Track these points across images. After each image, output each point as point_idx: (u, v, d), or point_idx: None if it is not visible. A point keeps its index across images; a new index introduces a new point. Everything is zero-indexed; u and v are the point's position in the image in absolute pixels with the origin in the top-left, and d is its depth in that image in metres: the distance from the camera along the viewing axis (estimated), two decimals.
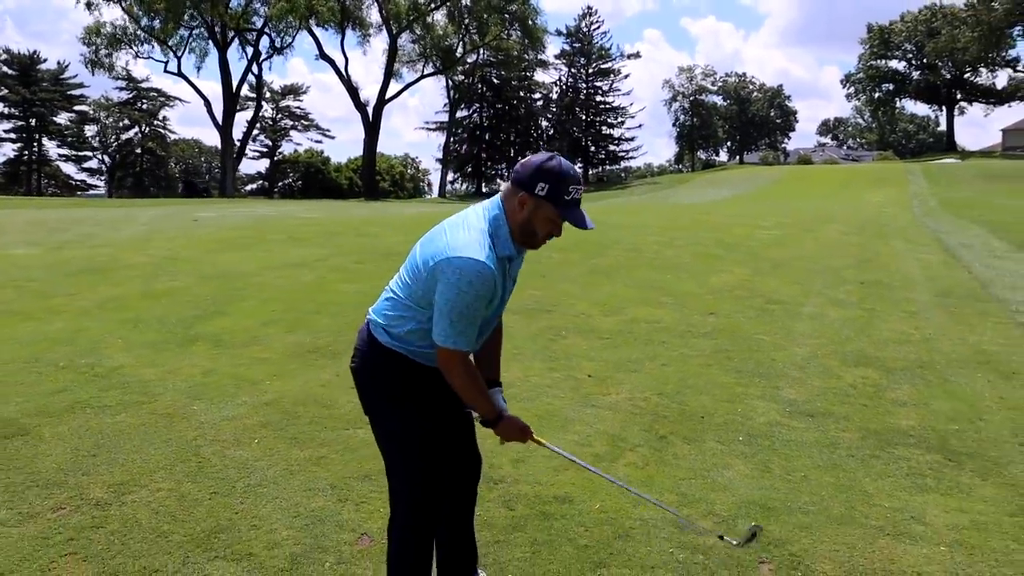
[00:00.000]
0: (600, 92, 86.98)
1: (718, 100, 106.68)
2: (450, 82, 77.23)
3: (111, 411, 5.18)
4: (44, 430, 4.81)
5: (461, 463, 2.96)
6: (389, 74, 65.64)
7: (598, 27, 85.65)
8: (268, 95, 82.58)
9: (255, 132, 79.72)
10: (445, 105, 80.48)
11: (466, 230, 2.55)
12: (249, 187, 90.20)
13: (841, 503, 4.05)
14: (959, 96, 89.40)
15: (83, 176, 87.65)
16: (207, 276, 10.47)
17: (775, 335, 7.85)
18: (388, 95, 66.44)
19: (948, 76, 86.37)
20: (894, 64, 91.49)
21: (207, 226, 17.78)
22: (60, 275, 10.56)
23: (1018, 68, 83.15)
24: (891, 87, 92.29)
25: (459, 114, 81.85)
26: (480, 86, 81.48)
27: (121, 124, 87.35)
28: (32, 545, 3.44)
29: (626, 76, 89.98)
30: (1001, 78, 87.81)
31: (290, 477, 4.20)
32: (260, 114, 77.37)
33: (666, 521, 3.79)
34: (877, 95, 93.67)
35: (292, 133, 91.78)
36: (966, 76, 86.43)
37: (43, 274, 10.63)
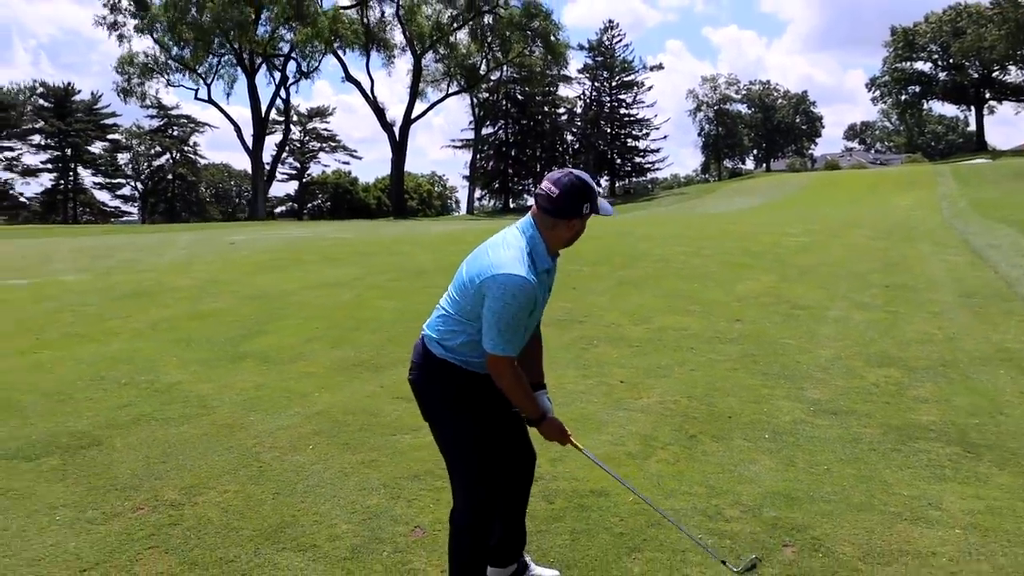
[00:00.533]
0: (624, 105, 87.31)
1: (742, 108, 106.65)
2: (475, 100, 77.94)
3: (174, 423, 5.56)
4: (116, 440, 5.20)
5: (516, 460, 3.29)
6: (415, 94, 66.50)
7: (620, 40, 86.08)
8: (295, 118, 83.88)
9: (283, 155, 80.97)
10: (470, 122, 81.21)
11: (506, 248, 2.88)
12: (279, 209, 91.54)
13: (861, 492, 4.31)
14: (988, 95, 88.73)
15: (117, 203, 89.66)
16: (248, 297, 10.90)
17: (800, 339, 8.09)
18: (414, 114, 67.29)
19: (976, 75, 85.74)
20: (920, 66, 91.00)
21: (243, 249, 18.32)
22: (112, 299, 11.04)
23: None
24: (917, 89, 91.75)
25: (484, 131, 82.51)
26: (504, 103, 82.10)
27: (153, 151, 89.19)
28: (118, 539, 3.80)
29: (649, 88, 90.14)
30: None
31: (344, 478, 4.53)
32: (288, 137, 78.59)
33: (695, 511, 4.07)
34: (904, 98, 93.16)
35: (320, 155, 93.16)
36: (995, 75, 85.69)
37: (96, 299, 11.11)
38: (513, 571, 3.39)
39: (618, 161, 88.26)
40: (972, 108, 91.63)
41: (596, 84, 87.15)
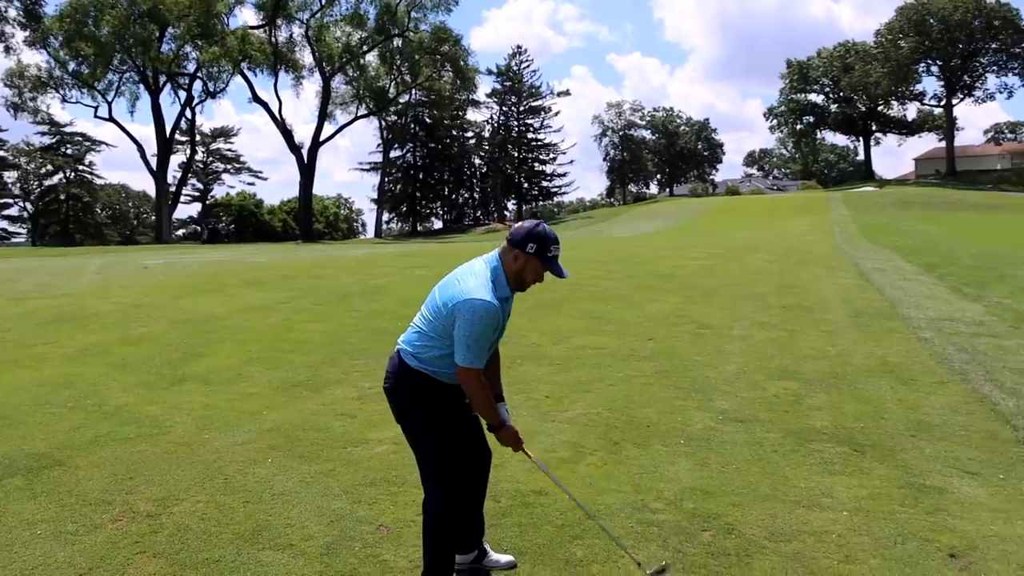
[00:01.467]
0: (531, 129, 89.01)
1: (647, 134, 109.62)
2: (383, 123, 78.20)
3: (132, 442, 5.85)
4: (77, 460, 5.46)
5: (476, 457, 3.80)
6: (323, 116, 66.31)
7: (528, 65, 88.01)
8: (199, 138, 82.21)
9: (187, 176, 79.13)
10: (378, 145, 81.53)
11: (474, 277, 3.45)
12: (181, 231, 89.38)
13: (766, 486, 4.95)
14: (874, 127, 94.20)
15: (3, 224, 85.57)
16: (178, 321, 11.07)
17: (708, 355, 8.80)
18: (322, 137, 67.01)
19: (863, 108, 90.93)
20: (813, 97, 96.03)
21: (160, 274, 18.24)
22: (32, 324, 11.04)
23: (925, 101, 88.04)
24: (811, 119, 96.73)
25: (393, 154, 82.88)
26: (413, 126, 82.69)
27: (44, 170, 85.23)
28: (105, 548, 4.13)
29: (556, 113, 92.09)
30: (911, 110, 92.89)
31: (307, 487, 4.94)
32: (193, 158, 77.02)
33: (625, 504, 4.64)
34: (799, 127, 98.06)
35: (224, 176, 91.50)
36: (879, 108, 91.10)
37: (15, 324, 11.09)
38: (475, 556, 3.90)
39: (525, 185, 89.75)
40: (860, 139, 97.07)
41: (504, 108, 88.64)
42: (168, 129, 64.62)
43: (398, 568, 3.90)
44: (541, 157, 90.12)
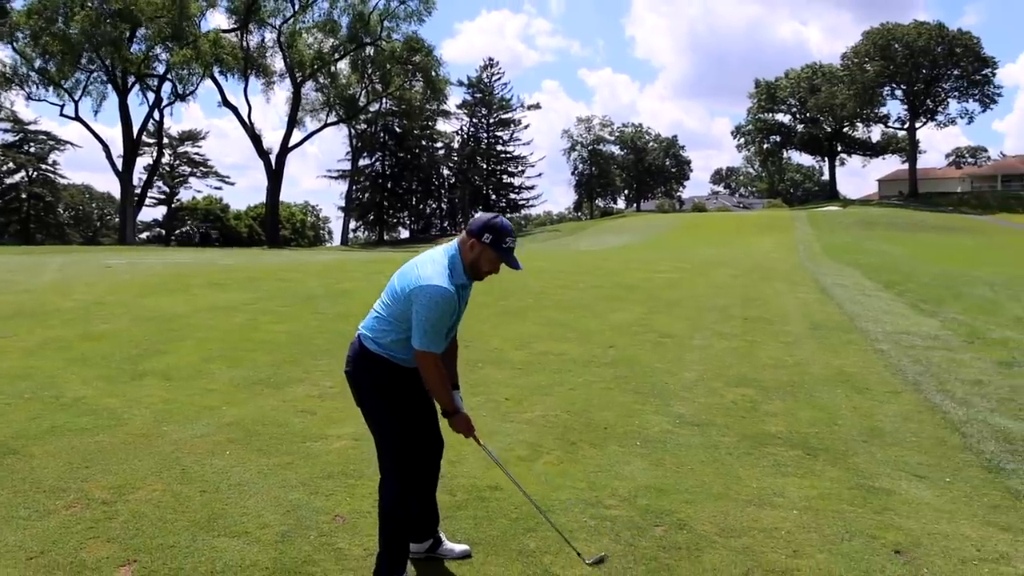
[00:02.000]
0: (501, 141, 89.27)
1: (615, 149, 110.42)
2: (353, 131, 77.97)
3: (89, 432, 5.80)
4: (33, 449, 5.41)
5: (429, 444, 3.83)
6: (293, 122, 65.88)
7: (499, 78, 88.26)
8: (166, 141, 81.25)
9: (153, 179, 78.13)
10: (347, 153, 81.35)
11: (432, 264, 3.53)
12: (145, 235, 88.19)
13: (719, 485, 5.04)
14: (839, 148, 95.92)
15: None
16: (141, 319, 10.99)
17: (668, 363, 8.91)
18: (291, 143, 66.63)
19: (829, 129, 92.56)
20: (780, 117, 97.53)
21: (124, 273, 18.07)
22: None
23: (889, 124, 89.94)
24: (778, 139, 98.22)
25: (361, 162, 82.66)
26: (383, 135, 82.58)
27: (5, 168, 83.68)
28: (58, 532, 4.09)
29: (526, 126, 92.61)
30: (875, 132, 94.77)
31: (264, 479, 4.94)
32: (160, 160, 76.06)
33: (579, 500, 4.70)
34: (765, 146, 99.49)
35: (191, 180, 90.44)
36: (844, 130, 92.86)
37: None
38: (429, 545, 3.93)
39: (493, 197, 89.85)
40: (826, 159, 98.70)
41: (474, 120, 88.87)
42: (135, 130, 63.78)
43: (353, 556, 3.92)
44: (510, 169, 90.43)
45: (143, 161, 73.27)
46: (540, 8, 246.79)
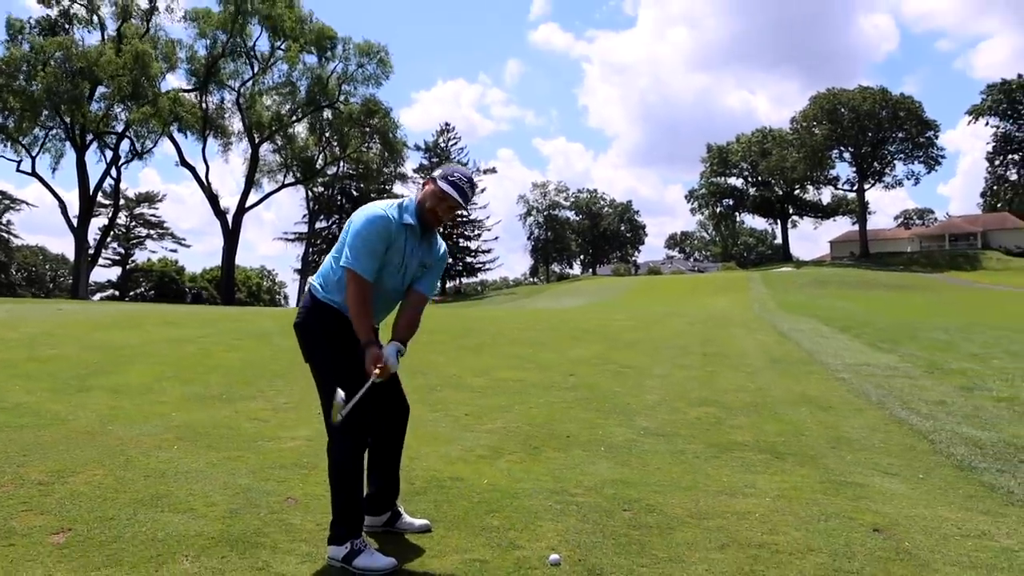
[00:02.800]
0: None
1: (571, 215, 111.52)
2: (310, 193, 77.84)
3: (30, 429, 5.51)
4: None
5: (389, 409, 3.67)
6: (250, 182, 65.64)
7: (455, 143, 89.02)
8: (123, 201, 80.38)
9: (108, 239, 77.03)
10: (304, 216, 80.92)
11: (380, 201, 3.51)
12: (98, 296, 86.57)
13: (688, 480, 4.87)
14: (791, 210, 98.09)
15: None
16: (91, 347, 10.60)
17: (629, 389, 8.76)
18: (248, 203, 66.26)
19: (780, 192, 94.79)
20: (733, 181, 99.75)
21: (76, 314, 17.53)
22: None
23: (839, 186, 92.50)
24: (731, 202, 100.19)
25: (318, 225, 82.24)
26: (340, 198, 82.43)
27: None
28: None
29: (483, 190, 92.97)
30: (826, 194, 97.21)
31: (214, 468, 4.67)
32: (115, 219, 75.08)
33: (543, 490, 4.49)
34: (719, 209, 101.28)
35: (147, 242, 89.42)
36: (796, 192, 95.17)
37: None
38: (388, 518, 3.70)
39: (450, 260, 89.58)
40: (778, 221, 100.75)
41: None
42: (92, 187, 62.95)
43: (305, 529, 3.67)
44: (466, 233, 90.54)
45: (99, 221, 72.30)
46: (495, 78, 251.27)
